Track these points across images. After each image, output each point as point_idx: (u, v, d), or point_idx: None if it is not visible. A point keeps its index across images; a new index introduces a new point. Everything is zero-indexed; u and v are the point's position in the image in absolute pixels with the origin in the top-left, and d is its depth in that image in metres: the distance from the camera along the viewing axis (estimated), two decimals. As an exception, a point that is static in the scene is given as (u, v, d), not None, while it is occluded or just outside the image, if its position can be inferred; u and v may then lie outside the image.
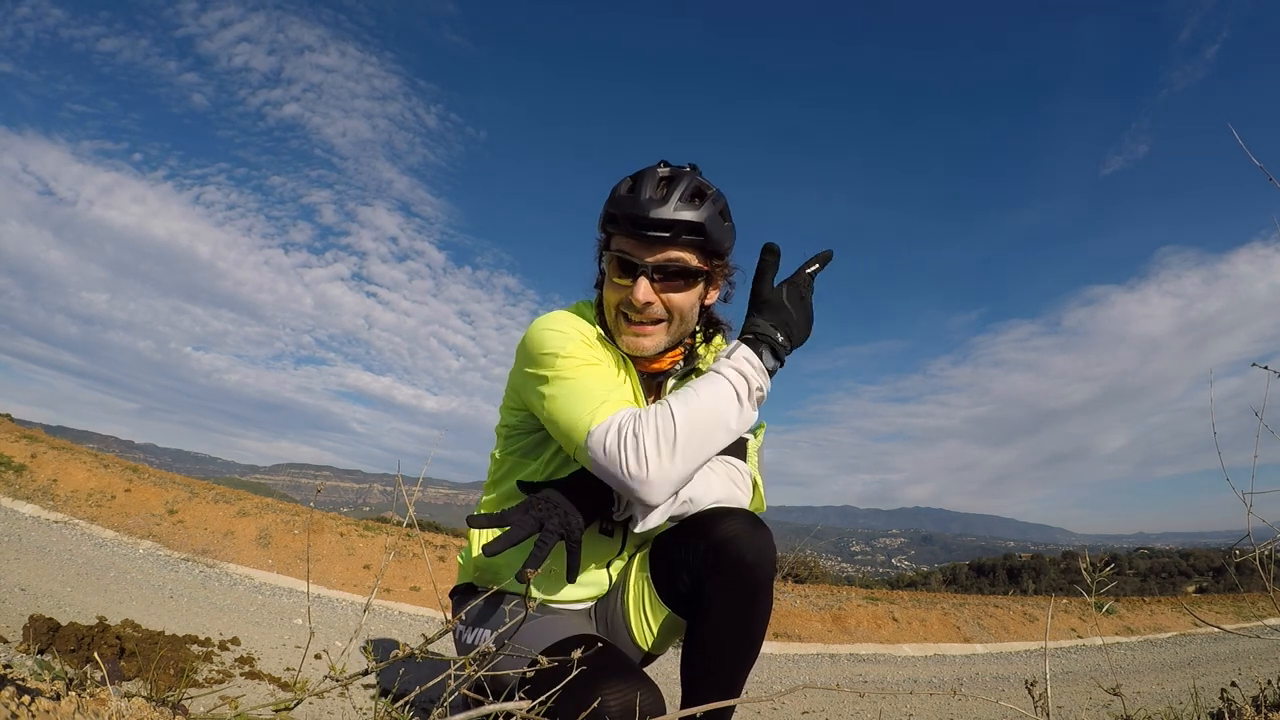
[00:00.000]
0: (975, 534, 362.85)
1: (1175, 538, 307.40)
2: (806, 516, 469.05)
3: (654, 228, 1.32)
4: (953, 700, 3.55)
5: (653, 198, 1.33)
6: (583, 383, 1.31)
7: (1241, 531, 1.43)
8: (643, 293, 1.33)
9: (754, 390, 1.30)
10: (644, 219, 1.32)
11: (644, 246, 1.35)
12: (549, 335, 1.37)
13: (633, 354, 1.41)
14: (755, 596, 1.29)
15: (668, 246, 1.34)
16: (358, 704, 2.35)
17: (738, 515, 1.31)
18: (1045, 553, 54.38)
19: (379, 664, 0.93)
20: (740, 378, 1.29)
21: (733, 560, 1.26)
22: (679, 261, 1.35)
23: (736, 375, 1.29)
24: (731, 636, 1.30)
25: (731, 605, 1.29)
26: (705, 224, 1.33)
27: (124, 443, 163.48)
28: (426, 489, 10.78)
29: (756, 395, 1.30)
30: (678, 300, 1.38)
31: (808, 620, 5.77)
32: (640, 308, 1.35)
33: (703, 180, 1.39)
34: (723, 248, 1.40)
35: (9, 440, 6.74)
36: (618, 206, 1.35)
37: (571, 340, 1.36)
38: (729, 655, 1.30)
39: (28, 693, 0.95)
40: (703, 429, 1.24)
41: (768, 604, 1.32)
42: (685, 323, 1.42)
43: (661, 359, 1.45)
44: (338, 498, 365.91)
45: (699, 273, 1.39)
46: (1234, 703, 1.49)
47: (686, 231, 1.33)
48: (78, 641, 2.17)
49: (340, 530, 6.12)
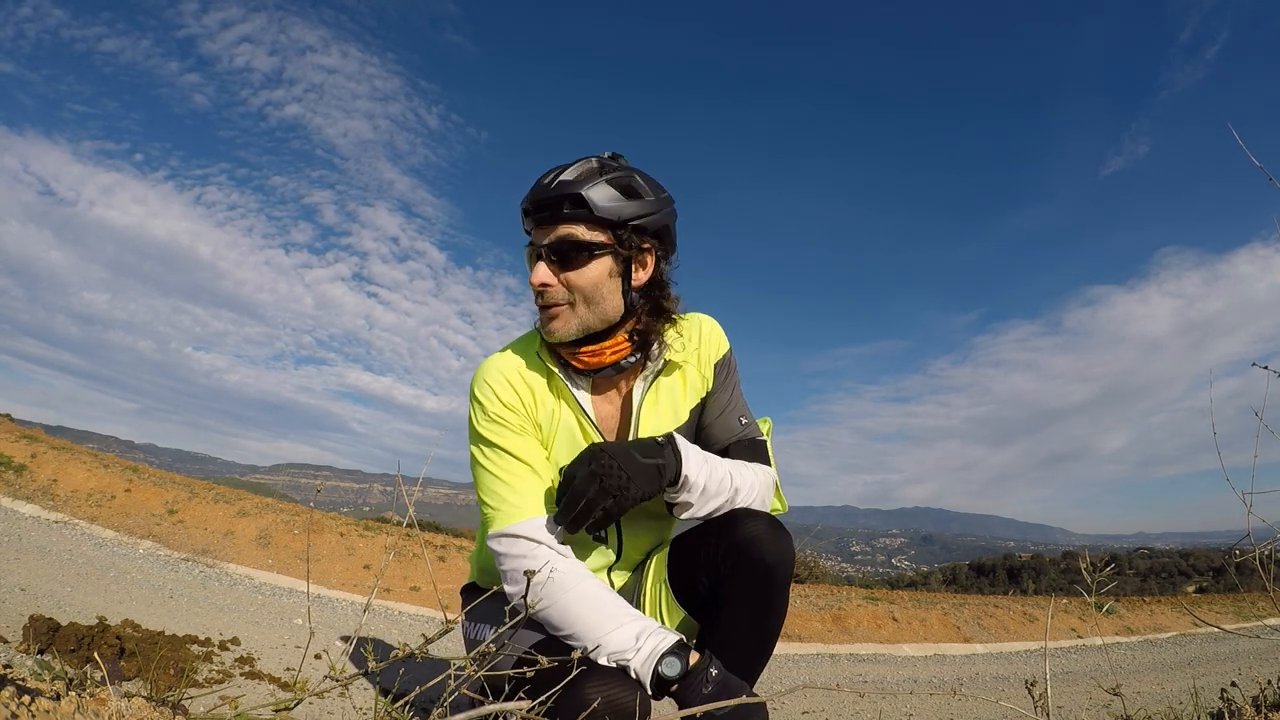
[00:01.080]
0: (975, 534, 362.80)
1: (1175, 538, 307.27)
2: (806, 516, 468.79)
3: (539, 208, 1.32)
4: (953, 700, 3.54)
5: (544, 182, 1.32)
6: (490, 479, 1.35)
7: (1241, 531, 1.43)
8: (538, 275, 1.31)
9: (625, 659, 1.16)
10: (533, 200, 1.32)
11: (540, 229, 1.34)
12: (472, 402, 1.41)
13: (551, 340, 1.37)
14: (772, 597, 1.30)
15: (557, 224, 1.31)
16: (358, 704, 2.35)
17: (760, 518, 1.32)
18: (1045, 553, 54.37)
19: (379, 664, 0.93)
20: (632, 648, 1.16)
21: (753, 561, 1.28)
22: (570, 236, 1.31)
23: (631, 642, 1.17)
24: (747, 636, 1.31)
25: (749, 605, 1.30)
26: (584, 193, 1.29)
27: (124, 443, 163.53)
28: (426, 489, 10.80)
29: (624, 660, 1.16)
30: (575, 279, 1.31)
31: (808, 620, 5.77)
32: (539, 289, 1.33)
33: (604, 159, 1.36)
34: (620, 217, 1.31)
35: (9, 440, 6.74)
36: (525, 198, 1.36)
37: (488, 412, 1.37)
38: (743, 655, 1.30)
39: (28, 693, 0.95)
40: (562, 619, 1.23)
41: (783, 605, 1.33)
42: (595, 303, 1.33)
43: (601, 353, 1.36)
44: (338, 498, 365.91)
45: (595, 245, 1.31)
46: (1234, 703, 1.49)
47: (569, 205, 1.29)
48: (78, 641, 2.17)
49: (340, 530, 6.12)
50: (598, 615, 1.20)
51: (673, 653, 1.15)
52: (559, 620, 1.22)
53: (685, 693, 1.13)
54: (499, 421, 1.37)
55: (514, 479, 1.34)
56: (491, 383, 1.38)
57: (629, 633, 1.17)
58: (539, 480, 1.36)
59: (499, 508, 1.32)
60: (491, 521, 1.33)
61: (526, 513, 1.30)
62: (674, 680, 1.13)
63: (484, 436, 1.37)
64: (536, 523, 1.29)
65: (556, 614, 1.23)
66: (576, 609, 1.21)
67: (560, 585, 1.23)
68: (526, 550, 1.26)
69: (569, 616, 1.21)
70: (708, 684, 1.13)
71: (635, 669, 1.15)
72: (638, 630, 1.18)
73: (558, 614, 1.22)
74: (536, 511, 1.31)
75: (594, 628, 1.19)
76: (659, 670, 1.13)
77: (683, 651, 1.16)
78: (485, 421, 1.37)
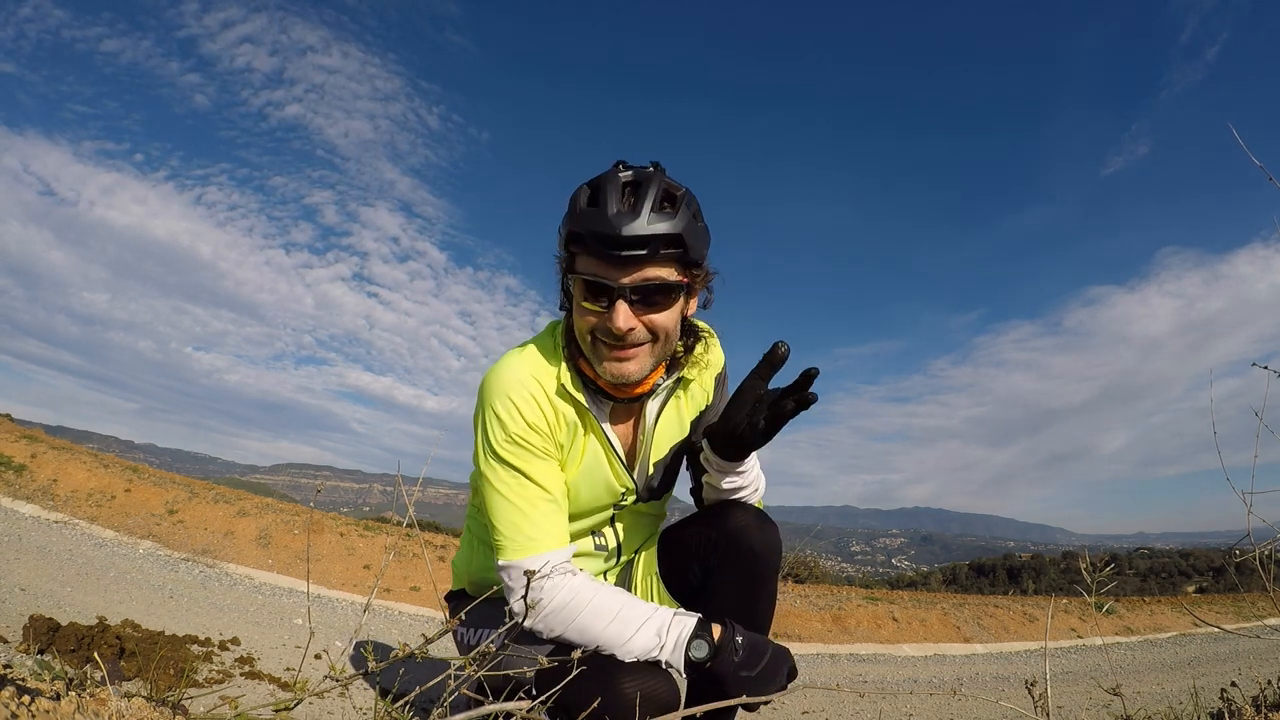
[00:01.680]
0: (975, 534, 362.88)
1: (1175, 538, 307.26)
2: (806, 516, 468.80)
3: (627, 246, 1.16)
4: (953, 700, 3.54)
5: (620, 211, 1.17)
6: (505, 505, 1.28)
7: (1241, 531, 1.44)
8: (623, 319, 1.20)
9: (653, 656, 1.19)
10: (615, 237, 1.16)
11: (616, 267, 1.19)
12: (489, 415, 1.30)
13: (616, 381, 1.30)
14: (762, 585, 1.36)
15: (644, 265, 1.19)
16: (358, 704, 2.35)
17: (748, 509, 1.38)
18: (1045, 553, 54.40)
19: (379, 664, 0.93)
20: (656, 645, 1.19)
21: (742, 550, 1.33)
22: (658, 279, 1.21)
23: (654, 640, 1.19)
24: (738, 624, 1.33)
25: (738, 594, 1.35)
26: (683, 234, 1.19)
27: (124, 443, 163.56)
28: (426, 489, 10.79)
29: (652, 658, 1.19)
30: (660, 320, 1.24)
31: (808, 620, 5.77)
32: (622, 335, 1.22)
33: (670, 181, 1.24)
34: (702, 255, 1.26)
35: (9, 440, 6.74)
36: (581, 224, 1.20)
37: (509, 432, 1.28)
38: None
39: (28, 693, 0.95)
40: (581, 637, 1.23)
41: (773, 593, 1.39)
42: (670, 341, 1.30)
43: (645, 383, 1.36)
44: (338, 498, 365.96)
45: (679, 287, 1.25)
46: (1234, 703, 1.49)
47: (664, 245, 1.18)
48: (78, 641, 2.17)
49: (340, 530, 6.12)
50: (617, 625, 1.21)
51: (697, 635, 1.19)
52: (581, 641, 1.23)
53: (720, 666, 1.17)
54: (521, 444, 1.28)
55: (531, 508, 1.28)
56: (516, 400, 1.28)
57: (650, 631, 1.20)
58: (557, 509, 1.31)
59: (513, 537, 1.27)
60: (503, 550, 1.28)
61: (542, 546, 1.26)
62: (706, 660, 1.17)
63: (502, 458, 1.29)
64: (549, 556, 1.26)
65: (576, 636, 1.23)
66: (594, 627, 1.22)
67: (574, 608, 1.23)
68: (538, 584, 1.23)
69: (588, 635, 1.22)
70: (737, 652, 1.17)
71: (667, 662, 1.19)
72: (657, 626, 1.21)
73: (576, 635, 1.23)
74: (550, 545, 1.27)
75: (615, 638, 1.20)
76: (690, 656, 1.17)
77: (705, 631, 1.20)
78: (505, 442, 1.28)
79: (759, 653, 1.19)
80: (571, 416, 1.34)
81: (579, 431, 1.36)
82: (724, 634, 1.19)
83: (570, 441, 1.36)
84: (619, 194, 1.19)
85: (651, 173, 1.23)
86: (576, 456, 1.37)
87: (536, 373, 1.32)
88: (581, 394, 1.33)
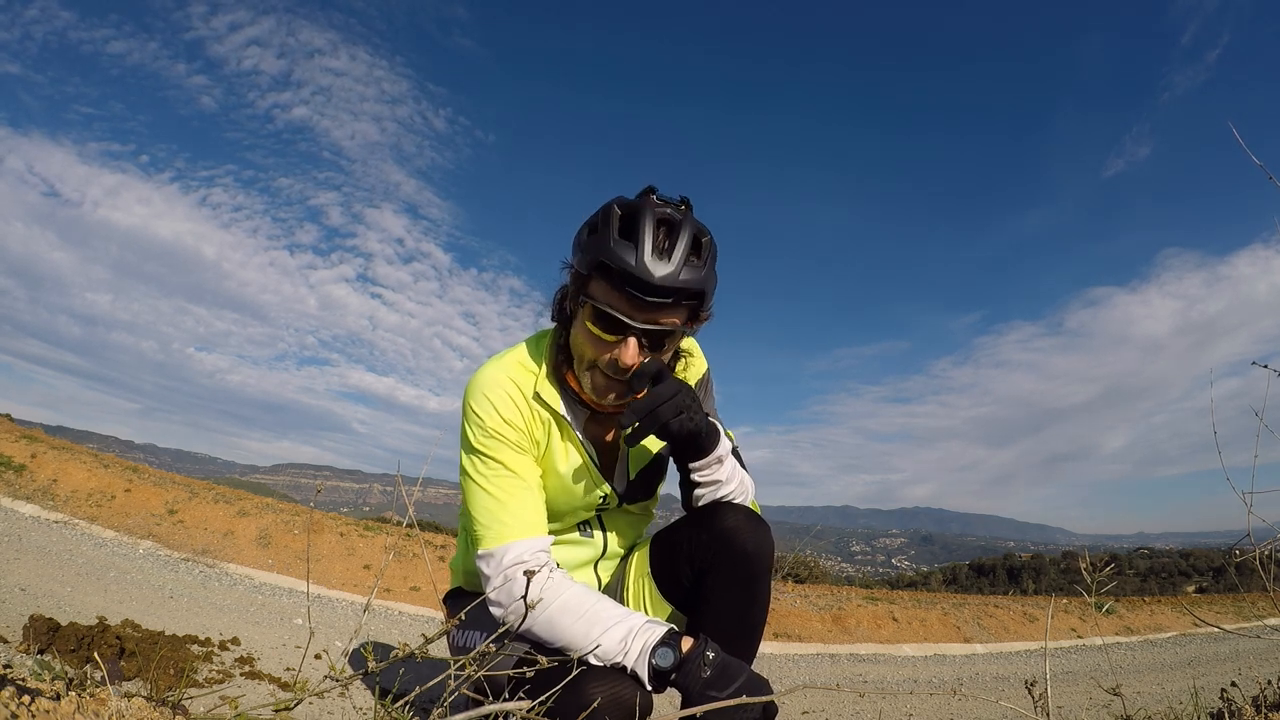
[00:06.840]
0: (975, 534, 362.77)
1: (1175, 538, 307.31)
2: (806, 516, 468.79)
3: (655, 293, 1.20)
4: (953, 700, 3.54)
5: (654, 255, 1.19)
6: (481, 495, 1.32)
7: (1241, 531, 1.44)
8: (631, 355, 1.24)
9: (617, 661, 1.18)
10: (647, 284, 1.18)
11: (637, 307, 1.22)
12: (468, 414, 1.36)
13: (607, 406, 1.36)
14: (754, 586, 1.35)
15: (662, 310, 1.23)
16: (358, 704, 2.35)
17: (739, 509, 1.38)
18: (1045, 553, 54.41)
19: (379, 664, 0.93)
20: (621, 650, 1.18)
21: (734, 551, 1.33)
22: (671, 325, 1.26)
23: (620, 645, 1.18)
24: (731, 625, 1.34)
25: (731, 594, 1.35)
26: (705, 288, 1.25)
27: (124, 443, 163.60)
28: (426, 489, 10.83)
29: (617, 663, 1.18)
30: (659, 358, 1.31)
31: (808, 620, 5.77)
32: (624, 370, 1.26)
33: (699, 225, 1.27)
34: (710, 305, 1.32)
35: (9, 440, 6.74)
36: (612, 257, 1.19)
37: (485, 427, 1.33)
38: (731, 644, 1.33)
39: (28, 693, 0.95)
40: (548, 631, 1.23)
41: (765, 594, 1.38)
42: None
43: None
44: (338, 498, 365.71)
45: (684, 332, 1.32)
46: (1234, 703, 1.49)
47: (686, 298, 1.24)
48: (78, 641, 2.17)
49: (340, 530, 6.12)
50: (584, 624, 1.20)
51: (664, 644, 1.16)
52: (547, 636, 1.23)
53: (684, 680, 1.14)
54: (496, 437, 1.34)
55: (506, 496, 1.32)
56: (493, 398, 1.35)
57: (617, 635, 1.19)
58: (532, 498, 1.35)
59: (489, 525, 1.30)
60: (480, 540, 1.31)
61: (517, 533, 1.29)
62: (670, 670, 1.15)
63: (479, 450, 1.35)
64: (526, 544, 1.28)
65: (543, 630, 1.23)
66: (562, 622, 1.22)
67: (544, 602, 1.23)
68: (513, 574, 1.26)
69: (555, 630, 1.22)
70: (705, 667, 1.14)
71: (630, 668, 1.16)
72: (624, 632, 1.19)
73: (544, 629, 1.23)
74: (526, 532, 1.30)
75: (581, 637, 1.19)
76: (654, 664, 1.15)
77: (674, 640, 1.17)
78: (481, 436, 1.34)
79: (730, 675, 1.14)
80: (547, 419, 1.39)
81: (555, 435, 1.40)
82: (694, 647, 1.16)
83: (546, 441, 1.40)
84: (654, 235, 1.20)
85: (683, 214, 1.25)
86: (552, 459, 1.41)
87: (515, 376, 1.38)
88: (559, 403, 1.38)
